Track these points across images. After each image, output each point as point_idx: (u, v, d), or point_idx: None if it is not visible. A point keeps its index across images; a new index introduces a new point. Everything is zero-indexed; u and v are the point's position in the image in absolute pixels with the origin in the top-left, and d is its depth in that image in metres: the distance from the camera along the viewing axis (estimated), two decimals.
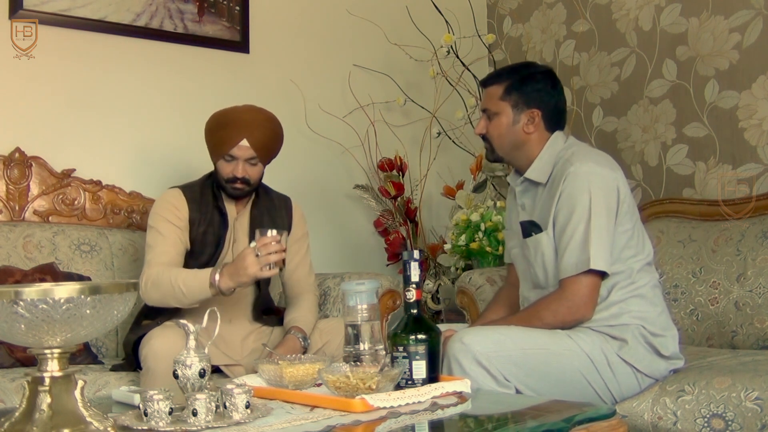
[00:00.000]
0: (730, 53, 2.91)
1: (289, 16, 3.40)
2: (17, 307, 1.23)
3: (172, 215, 2.39)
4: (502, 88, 2.14)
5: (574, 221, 2.00)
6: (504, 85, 2.14)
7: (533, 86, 2.13)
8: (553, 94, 2.15)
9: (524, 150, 2.15)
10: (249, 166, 2.40)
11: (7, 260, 2.53)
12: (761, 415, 1.76)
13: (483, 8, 3.88)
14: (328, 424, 1.43)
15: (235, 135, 2.37)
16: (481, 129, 2.19)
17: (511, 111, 2.13)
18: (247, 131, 2.37)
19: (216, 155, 2.43)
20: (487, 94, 2.19)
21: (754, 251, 2.49)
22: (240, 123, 2.38)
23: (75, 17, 2.85)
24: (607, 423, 1.52)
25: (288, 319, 2.46)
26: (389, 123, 3.56)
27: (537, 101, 2.12)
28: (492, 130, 2.16)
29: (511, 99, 2.13)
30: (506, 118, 2.14)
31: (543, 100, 2.13)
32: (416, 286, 1.75)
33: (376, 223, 3.47)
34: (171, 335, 2.14)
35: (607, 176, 2.04)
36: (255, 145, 2.38)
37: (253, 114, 2.42)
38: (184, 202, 2.42)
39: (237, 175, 2.39)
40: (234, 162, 2.39)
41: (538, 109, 2.12)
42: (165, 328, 2.21)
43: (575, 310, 1.99)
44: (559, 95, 2.17)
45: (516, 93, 2.13)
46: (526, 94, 2.12)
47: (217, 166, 2.44)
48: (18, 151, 2.73)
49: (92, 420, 1.31)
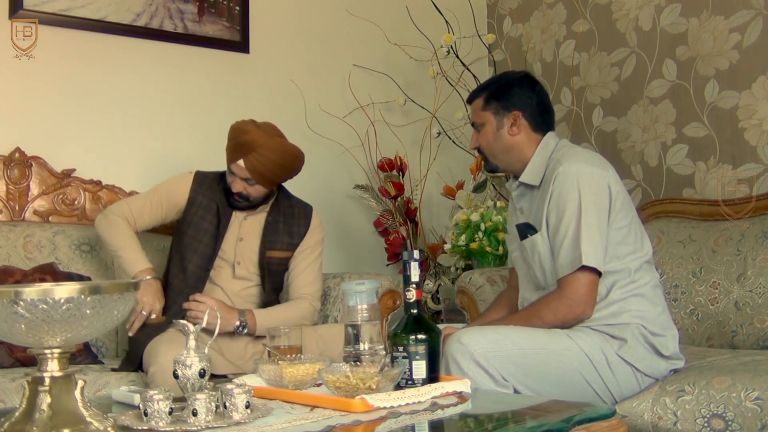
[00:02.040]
0: (730, 53, 2.91)
1: (289, 16, 3.40)
2: (17, 307, 1.23)
3: (169, 193, 2.51)
4: (482, 100, 2.23)
5: (565, 220, 2.02)
6: (483, 96, 2.23)
7: (510, 91, 2.20)
8: (531, 95, 2.21)
9: (515, 154, 2.20)
10: (247, 185, 2.44)
11: (7, 260, 2.53)
12: (761, 415, 1.76)
13: (483, 8, 3.88)
14: (328, 424, 1.43)
15: (235, 153, 2.42)
16: (473, 143, 2.27)
17: (494, 118, 2.20)
18: (247, 154, 2.39)
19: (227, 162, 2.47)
20: (471, 109, 2.28)
21: (754, 251, 2.49)
22: (243, 143, 2.40)
23: (75, 17, 2.85)
24: (607, 423, 1.52)
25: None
26: (389, 123, 3.56)
27: (516, 104, 2.19)
28: (482, 140, 2.23)
29: (491, 107, 2.21)
30: (491, 126, 2.21)
31: (522, 101, 2.19)
32: (416, 286, 1.75)
33: (376, 223, 3.47)
34: (177, 350, 2.14)
35: (596, 174, 2.06)
36: (250, 168, 2.40)
37: (264, 140, 2.41)
38: (189, 183, 2.51)
39: (233, 189, 2.43)
40: (233, 177, 2.44)
41: (518, 111, 2.18)
42: (171, 342, 2.20)
43: (575, 308, 2.00)
44: (538, 96, 2.22)
45: (495, 101, 2.20)
46: (504, 100, 2.20)
47: (227, 173, 2.49)
48: (18, 151, 2.73)
49: (92, 420, 1.31)
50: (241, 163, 2.40)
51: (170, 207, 2.51)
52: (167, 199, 2.50)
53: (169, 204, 2.50)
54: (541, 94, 2.23)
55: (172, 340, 2.20)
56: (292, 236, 2.55)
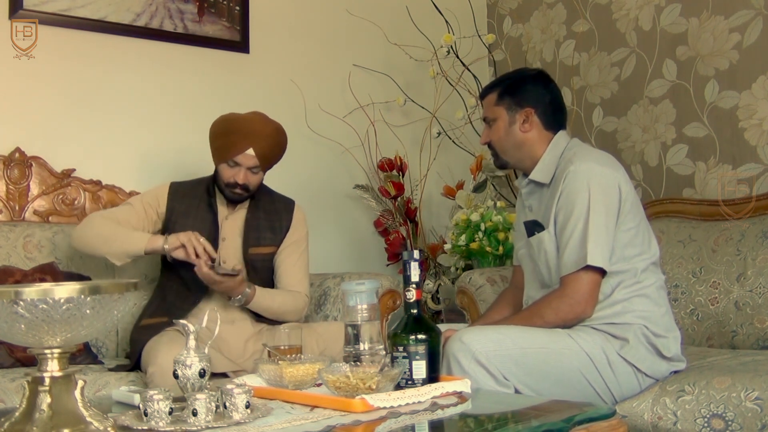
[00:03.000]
0: (730, 53, 2.91)
1: (289, 16, 3.40)
2: (17, 307, 1.23)
3: (148, 202, 2.49)
4: (496, 95, 2.22)
5: (573, 219, 2.02)
6: (497, 91, 2.22)
7: (524, 87, 2.20)
8: (545, 93, 2.20)
9: (526, 150, 2.19)
10: (251, 174, 2.46)
11: (7, 260, 2.53)
12: (761, 415, 1.76)
13: (483, 8, 3.88)
14: (328, 424, 1.43)
15: (241, 143, 2.41)
16: (484, 138, 2.26)
17: (506, 113, 2.20)
18: (254, 141, 2.42)
19: (219, 159, 2.46)
20: (484, 104, 2.27)
21: (754, 251, 2.49)
22: (248, 132, 2.42)
23: (75, 17, 2.85)
24: (607, 423, 1.52)
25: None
26: (389, 123, 3.56)
27: (529, 100, 2.18)
28: (493, 135, 2.23)
29: (505, 102, 2.20)
30: (503, 121, 2.20)
31: (535, 98, 2.19)
32: (416, 286, 1.75)
33: (376, 223, 3.47)
34: (177, 350, 2.14)
35: (607, 175, 2.05)
36: (260, 154, 2.43)
37: (262, 124, 2.46)
38: (166, 194, 2.50)
39: (238, 181, 2.44)
40: (237, 168, 2.43)
41: (531, 108, 2.17)
42: (171, 342, 2.20)
43: (576, 307, 2.00)
44: (551, 93, 2.22)
45: (508, 96, 2.20)
46: (518, 96, 2.19)
47: (219, 168, 2.47)
48: (18, 151, 2.73)
49: (92, 420, 1.31)
50: (251, 152, 2.41)
51: (152, 212, 2.49)
52: (148, 204, 2.50)
53: (151, 209, 2.49)
54: (554, 92, 2.23)
55: (172, 340, 2.20)
56: (275, 231, 2.56)
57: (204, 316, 1.78)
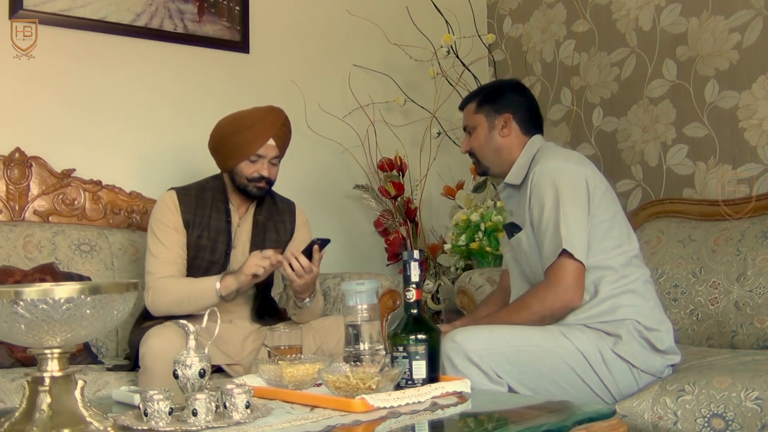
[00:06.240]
0: (730, 53, 2.91)
1: (289, 16, 3.40)
2: (17, 307, 1.23)
3: (169, 219, 2.42)
4: (475, 104, 2.30)
5: (546, 214, 2.07)
6: (476, 100, 2.30)
7: (502, 95, 2.29)
8: (522, 100, 2.29)
9: (504, 155, 2.25)
10: (271, 166, 2.47)
11: (7, 260, 2.53)
12: (761, 415, 1.76)
13: (483, 8, 3.88)
14: (328, 424, 1.43)
15: (262, 135, 2.42)
16: (465, 146, 2.34)
17: (486, 120, 2.27)
18: (274, 131, 2.44)
19: (240, 157, 2.42)
20: (464, 114, 2.35)
21: (754, 251, 2.49)
22: (267, 123, 2.44)
23: (75, 17, 2.85)
24: (607, 423, 1.52)
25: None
26: (389, 123, 3.56)
27: (507, 106, 2.26)
28: (473, 142, 2.30)
29: (484, 110, 2.28)
30: (483, 128, 2.28)
31: (513, 105, 2.27)
32: (416, 286, 1.76)
33: (376, 223, 3.47)
34: (169, 334, 2.14)
35: (572, 170, 2.11)
36: (279, 144, 2.46)
37: (275, 114, 2.48)
38: (177, 205, 2.44)
39: (264, 174, 2.44)
40: (260, 162, 2.43)
41: (510, 113, 2.25)
42: (164, 327, 2.21)
43: (562, 295, 2.01)
44: (528, 100, 2.31)
45: (487, 104, 2.28)
46: (497, 103, 2.27)
47: (239, 168, 2.43)
48: (18, 151, 2.73)
49: (92, 420, 1.31)
50: (272, 142, 2.43)
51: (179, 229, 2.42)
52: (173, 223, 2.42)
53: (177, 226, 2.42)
54: (531, 99, 2.32)
55: (166, 326, 2.20)
56: (279, 233, 2.55)
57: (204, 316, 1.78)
